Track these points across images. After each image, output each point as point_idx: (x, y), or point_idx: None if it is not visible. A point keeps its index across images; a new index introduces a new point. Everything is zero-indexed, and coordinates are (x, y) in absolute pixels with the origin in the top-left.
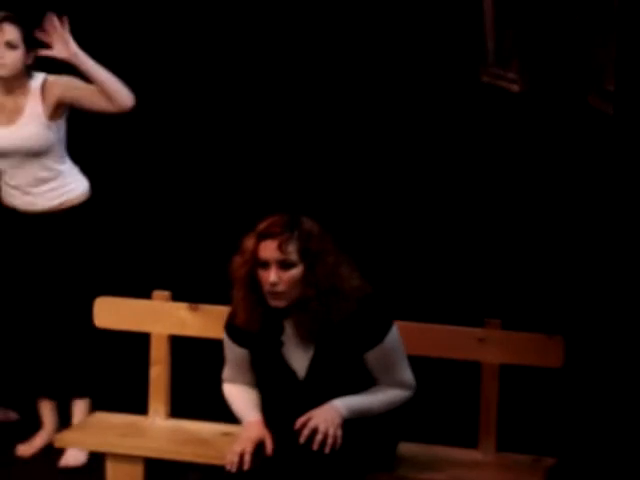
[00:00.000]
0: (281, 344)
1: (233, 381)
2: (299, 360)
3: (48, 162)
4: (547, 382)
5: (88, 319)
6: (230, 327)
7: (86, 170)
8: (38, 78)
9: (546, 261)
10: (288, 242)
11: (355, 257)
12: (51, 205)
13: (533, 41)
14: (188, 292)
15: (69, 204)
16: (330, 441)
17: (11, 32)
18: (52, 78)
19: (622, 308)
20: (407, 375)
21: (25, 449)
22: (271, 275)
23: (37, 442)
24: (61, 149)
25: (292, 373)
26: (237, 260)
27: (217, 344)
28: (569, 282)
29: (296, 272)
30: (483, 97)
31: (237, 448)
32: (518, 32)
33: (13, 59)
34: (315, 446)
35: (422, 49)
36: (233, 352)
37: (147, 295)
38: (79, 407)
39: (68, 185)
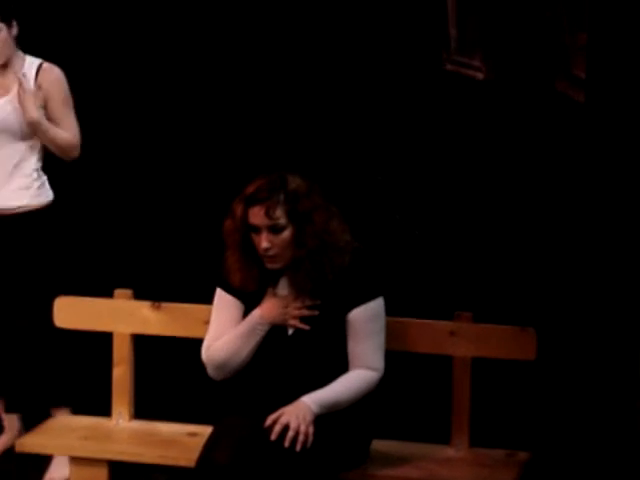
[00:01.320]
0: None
1: (219, 339)
2: None
3: (26, 164)
4: (520, 375)
5: (48, 319)
6: (224, 282)
7: (47, 167)
8: (33, 63)
9: (517, 253)
10: (275, 207)
11: None
12: (9, 205)
13: (497, 28)
14: (150, 290)
15: (26, 209)
16: (301, 438)
17: None
18: (47, 66)
19: (594, 299)
20: (378, 356)
21: None
22: (262, 241)
23: None
24: (40, 152)
25: (281, 328)
26: (228, 224)
27: (181, 343)
28: (541, 274)
29: (287, 234)
30: (448, 86)
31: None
32: (481, 19)
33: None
34: (286, 443)
35: (384, 37)
36: (226, 305)
37: (109, 294)
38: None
39: (34, 193)
